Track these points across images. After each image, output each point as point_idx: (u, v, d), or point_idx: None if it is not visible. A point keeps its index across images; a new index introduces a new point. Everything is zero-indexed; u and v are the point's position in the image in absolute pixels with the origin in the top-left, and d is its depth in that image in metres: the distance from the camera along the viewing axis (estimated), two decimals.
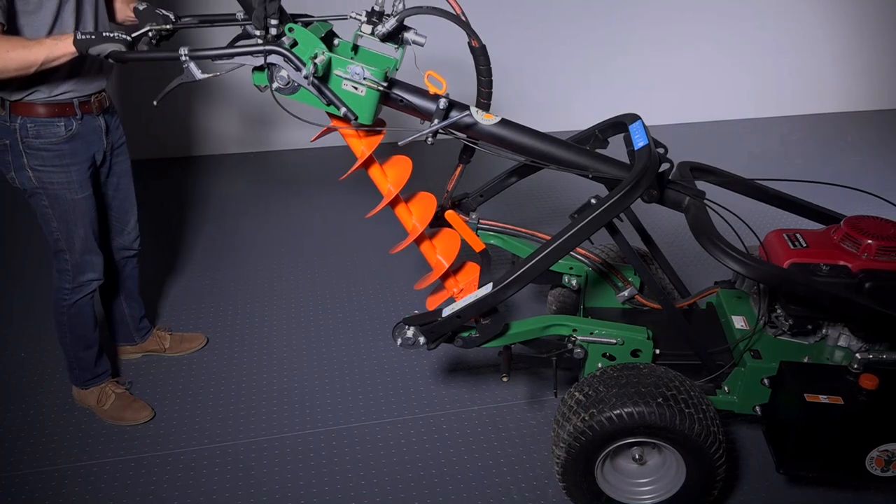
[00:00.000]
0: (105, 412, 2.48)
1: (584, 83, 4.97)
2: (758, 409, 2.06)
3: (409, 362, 2.79)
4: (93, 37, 1.83)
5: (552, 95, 4.94)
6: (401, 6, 1.87)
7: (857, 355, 1.94)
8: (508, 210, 2.75)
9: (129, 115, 3.82)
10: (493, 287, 1.91)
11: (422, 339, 2.01)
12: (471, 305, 1.93)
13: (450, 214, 2.21)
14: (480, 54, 1.89)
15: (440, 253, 2.11)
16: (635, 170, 1.89)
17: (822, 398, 1.84)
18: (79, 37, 1.84)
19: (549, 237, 2.35)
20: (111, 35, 1.84)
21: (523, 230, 2.40)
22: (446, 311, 1.97)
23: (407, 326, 2.00)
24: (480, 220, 2.37)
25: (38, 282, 3.26)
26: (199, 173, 4.50)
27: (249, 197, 4.18)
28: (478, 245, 2.23)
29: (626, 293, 2.37)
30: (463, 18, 1.85)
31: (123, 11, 2.25)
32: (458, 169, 2.20)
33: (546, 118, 4.91)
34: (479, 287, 2.06)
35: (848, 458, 1.88)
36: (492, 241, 2.39)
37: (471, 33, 1.85)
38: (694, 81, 5.12)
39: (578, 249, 2.38)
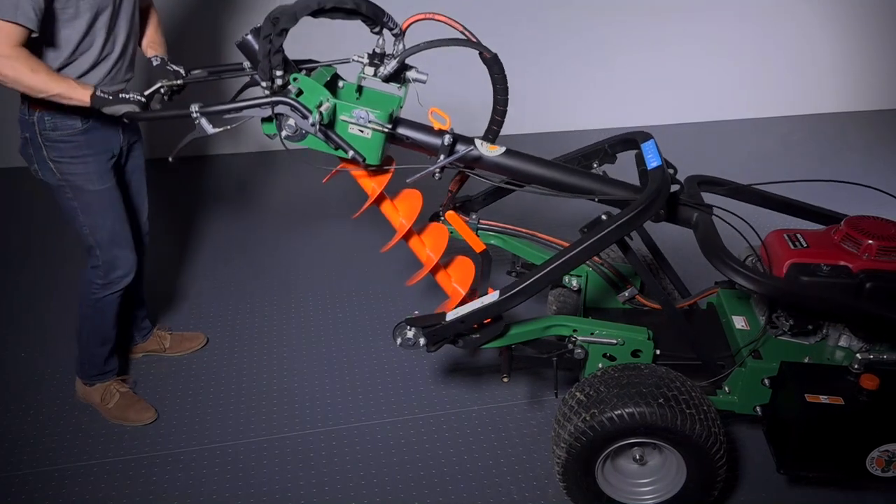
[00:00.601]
0: (109, 411, 2.49)
1: (584, 83, 4.96)
2: (758, 409, 2.06)
3: (409, 362, 2.79)
4: (110, 97, 1.92)
5: (552, 96, 4.94)
6: (401, 47, 1.90)
7: (858, 355, 1.94)
8: (510, 212, 2.74)
9: None
10: (500, 296, 1.91)
11: (422, 341, 2.00)
12: (476, 312, 1.94)
13: (450, 215, 2.21)
14: (493, 63, 1.90)
15: (456, 281, 2.13)
16: (648, 191, 1.89)
17: (823, 398, 1.84)
18: (98, 93, 1.92)
19: (549, 238, 2.36)
20: (127, 97, 1.92)
21: (523, 230, 2.40)
22: (450, 316, 1.97)
23: (408, 327, 2.00)
24: (480, 221, 2.37)
25: (40, 281, 3.27)
26: (205, 173, 4.50)
27: (253, 197, 4.17)
28: (478, 246, 2.24)
29: (626, 293, 2.38)
30: (469, 36, 1.85)
31: (148, 50, 2.31)
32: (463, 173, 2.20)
33: (547, 118, 4.93)
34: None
35: (848, 458, 1.88)
36: (492, 242, 2.39)
37: (480, 48, 1.86)
38: (693, 81, 5.11)
39: None
